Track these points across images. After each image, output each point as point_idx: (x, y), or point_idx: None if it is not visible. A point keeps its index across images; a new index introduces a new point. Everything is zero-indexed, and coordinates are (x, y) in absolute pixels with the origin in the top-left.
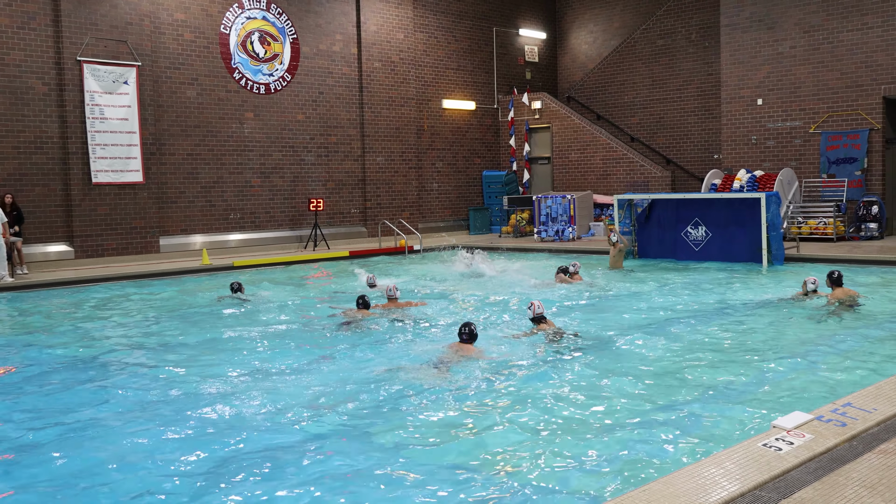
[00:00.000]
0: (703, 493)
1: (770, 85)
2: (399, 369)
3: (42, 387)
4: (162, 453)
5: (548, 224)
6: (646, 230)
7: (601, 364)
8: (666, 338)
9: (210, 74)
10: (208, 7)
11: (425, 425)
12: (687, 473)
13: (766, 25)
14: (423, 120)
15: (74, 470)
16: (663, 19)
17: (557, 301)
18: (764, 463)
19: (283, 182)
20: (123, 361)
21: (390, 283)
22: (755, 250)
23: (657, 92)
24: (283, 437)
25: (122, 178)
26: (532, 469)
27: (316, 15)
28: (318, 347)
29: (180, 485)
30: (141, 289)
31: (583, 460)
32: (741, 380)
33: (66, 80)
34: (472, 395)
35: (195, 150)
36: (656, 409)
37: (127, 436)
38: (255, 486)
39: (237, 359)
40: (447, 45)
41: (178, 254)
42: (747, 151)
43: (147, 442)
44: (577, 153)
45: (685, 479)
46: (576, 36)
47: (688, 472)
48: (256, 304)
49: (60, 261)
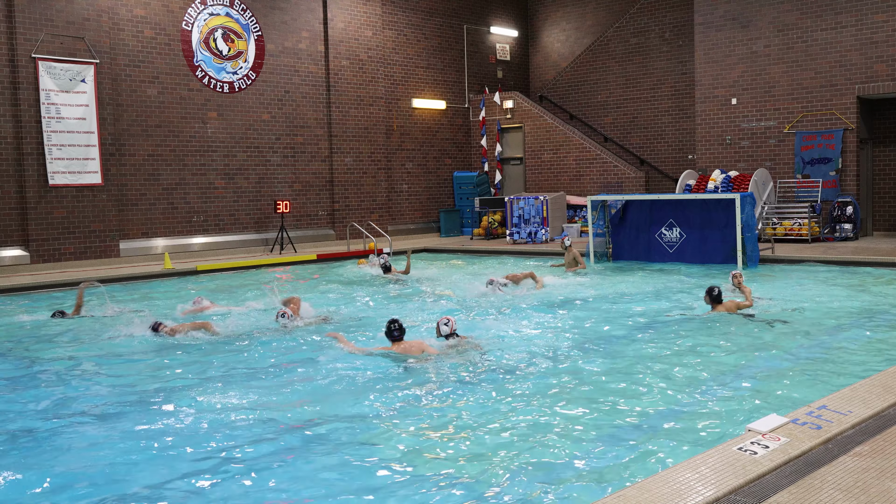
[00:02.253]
0: (678, 497)
1: (744, 84)
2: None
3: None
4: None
5: (520, 226)
6: (620, 232)
7: (572, 370)
8: (636, 341)
9: (171, 72)
10: (169, 3)
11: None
12: (661, 478)
13: (740, 24)
14: (393, 120)
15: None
16: (636, 17)
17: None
18: (739, 467)
19: (248, 184)
20: (75, 371)
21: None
22: (730, 252)
23: (631, 91)
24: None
25: (80, 180)
26: (502, 478)
27: (281, 11)
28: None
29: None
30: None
31: (555, 468)
32: (716, 383)
33: (21, 78)
34: (439, 400)
35: (156, 150)
36: (628, 415)
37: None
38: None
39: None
40: (417, 43)
41: (140, 258)
42: (722, 152)
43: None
44: (550, 153)
45: (660, 485)
46: (548, 34)
47: (662, 477)
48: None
49: (16, 265)
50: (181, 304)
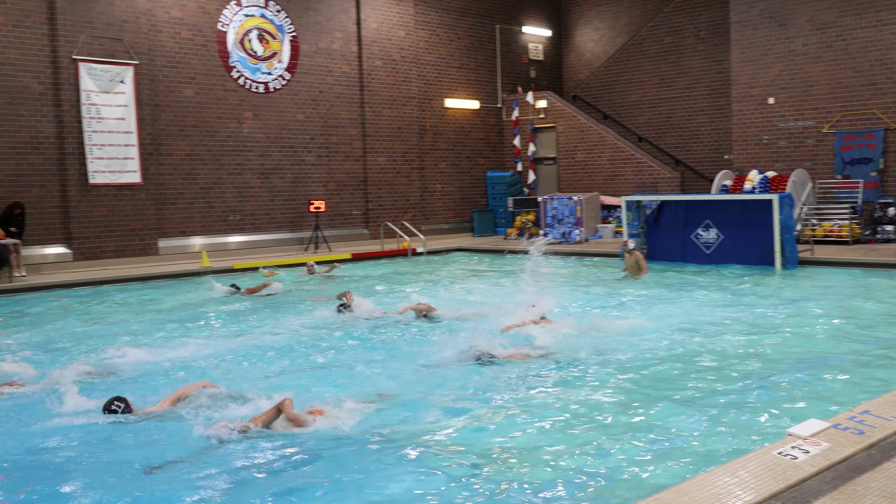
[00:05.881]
0: (717, 502)
1: (782, 83)
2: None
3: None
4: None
5: (554, 226)
6: (655, 232)
7: (608, 370)
8: (676, 343)
9: (208, 73)
10: (205, 4)
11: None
12: (699, 482)
13: (778, 22)
14: (426, 119)
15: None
16: (671, 16)
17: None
18: (779, 472)
19: (283, 183)
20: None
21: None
22: (767, 253)
23: (665, 90)
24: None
25: (120, 179)
26: (538, 477)
27: (315, 12)
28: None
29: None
30: (133, 292)
31: (591, 469)
32: (755, 386)
33: (62, 80)
34: (472, 398)
35: (193, 150)
36: (667, 417)
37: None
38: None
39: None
40: (449, 43)
41: (177, 256)
42: (759, 152)
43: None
44: (584, 153)
45: (698, 489)
46: (581, 33)
47: (700, 480)
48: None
49: (59, 263)
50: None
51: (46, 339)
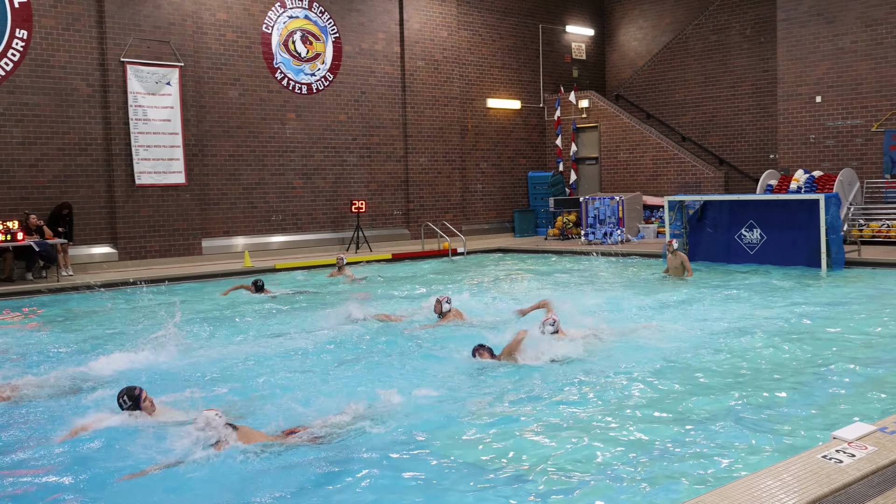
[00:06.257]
0: None
1: (829, 81)
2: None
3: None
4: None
5: (595, 226)
6: (698, 232)
7: (652, 371)
8: (720, 345)
9: (252, 74)
10: (250, 6)
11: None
12: (742, 485)
13: (826, 20)
14: (467, 120)
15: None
16: (716, 14)
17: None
18: (823, 475)
19: (325, 183)
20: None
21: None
22: (813, 254)
23: (710, 90)
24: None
25: (165, 180)
26: (580, 479)
27: (358, 13)
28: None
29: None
30: (175, 292)
31: (633, 470)
32: (800, 389)
33: (110, 82)
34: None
35: (237, 151)
36: (710, 419)
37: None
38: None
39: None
40: (492, 43)
41: (220, 256)
42: (805, 151)
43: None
44: (626, 153)
45: (740, 491)
46: (625, 32)
47: (743, 483)
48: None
49: (105, 262)
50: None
51: (86, 337)
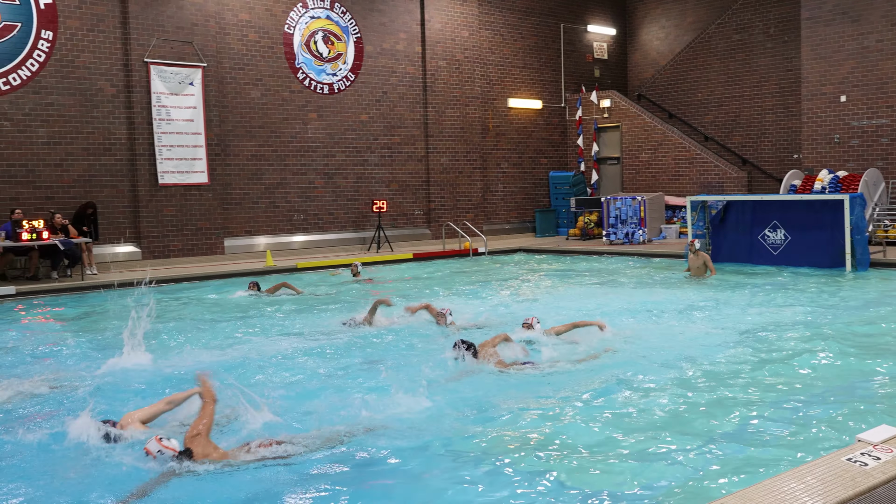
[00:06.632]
0: None
1: (854, 81)
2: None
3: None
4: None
5: (617, 226)
6: (720, 233)
7: (674, 372)
8: (743, 345)
9: (274, 75)
10: (272, 7)
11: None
12: (765, 488)
13: (851, 18)
14: (489, 119)
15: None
16: (739, 13)
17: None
18: (848, 478)
19: (347, 183)
20: None
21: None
22: (838, 255)
23: (733, 89)
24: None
25: (188, 180)
26: (600, 484)
27: (380, 13)
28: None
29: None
30: (205, 291)
31: (655, 474)
32: (824, 391)
33: (134, 82)
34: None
35: (259, 150)
36: (732, 421)
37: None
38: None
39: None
40: (513, 43)
41: (243, 255)
42: (829, 151)
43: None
44: (648, 153)
45: (763, 494)
46: (647, 31)
47: (766, 486)
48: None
49: (128, 262)
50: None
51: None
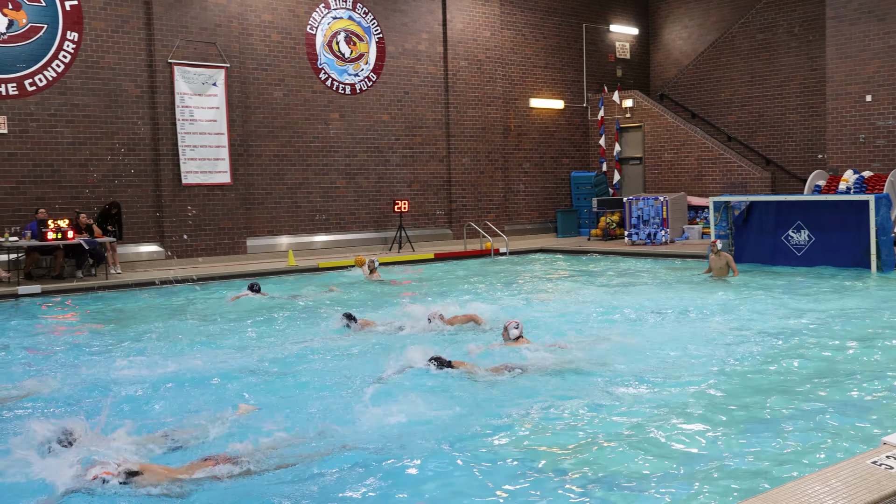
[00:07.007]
0: None
1: (880, 80)
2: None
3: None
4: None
5: (639, 227)
6: (743, 233)
7: (699, 373)
8: (767, 347)
9: (296, 75)
10: (295, 8)
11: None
12: (789, 490)
13: (877, 17)
14: (510, 119)
15: None
16: (763, 12)
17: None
18: (874, 482)
19: (368, 183)
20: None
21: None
22: (863, 256)
23: (756, 89)
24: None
25: (211, 179)
26: (619, 482)
27: (402, 14)
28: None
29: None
30: (213, 291)
31: (677, 475)
32: (849, 393)
33: (158, 83)
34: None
35: (281, 151)
36: (756, 423)
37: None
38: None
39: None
40: (535, 43)
41: (265, 255)
42: (854, 151)
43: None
44: (671, 153)
45: (787, 497)
46: (669, 31)
47: (790, 489)
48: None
49: (152, 261)
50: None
51: (131, 335)
